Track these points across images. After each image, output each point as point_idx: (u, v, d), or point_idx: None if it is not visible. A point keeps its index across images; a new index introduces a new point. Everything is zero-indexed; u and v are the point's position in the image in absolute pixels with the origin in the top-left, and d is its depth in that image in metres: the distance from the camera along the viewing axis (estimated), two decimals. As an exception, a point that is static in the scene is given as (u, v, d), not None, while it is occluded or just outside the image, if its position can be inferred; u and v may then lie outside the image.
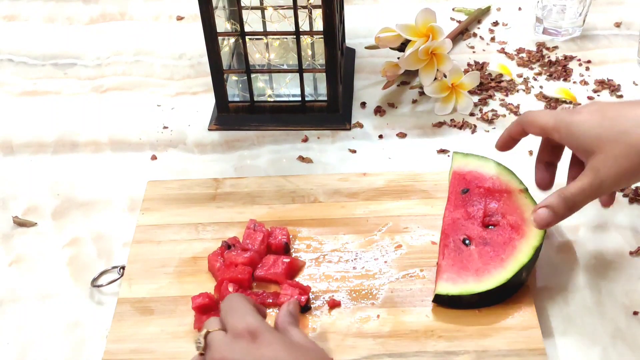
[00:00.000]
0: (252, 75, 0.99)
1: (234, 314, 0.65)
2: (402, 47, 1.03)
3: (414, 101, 1.05)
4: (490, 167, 0.85)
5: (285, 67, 1.02)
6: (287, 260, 0.80)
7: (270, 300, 0.78)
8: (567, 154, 0.80)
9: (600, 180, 0.71)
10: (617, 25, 1.17)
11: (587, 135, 0.72)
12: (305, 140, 1.00)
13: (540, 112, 0.78)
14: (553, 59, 1.11)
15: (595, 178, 0.71)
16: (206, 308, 0.76)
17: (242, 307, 0.66)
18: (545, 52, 1.13)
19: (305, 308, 0.77)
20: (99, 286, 0.83)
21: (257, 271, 0.80)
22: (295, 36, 0.95)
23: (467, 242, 0.79)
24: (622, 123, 0.70)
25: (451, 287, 0.76)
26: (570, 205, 0.73)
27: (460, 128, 1.01)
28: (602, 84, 1.06)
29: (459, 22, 1.19)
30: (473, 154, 0.87)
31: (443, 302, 0.77)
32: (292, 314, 0.70)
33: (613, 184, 0.72)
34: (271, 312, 0.77)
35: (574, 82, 1.07)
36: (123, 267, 0.83)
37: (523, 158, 0.92)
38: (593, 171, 0.71)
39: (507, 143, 0.82)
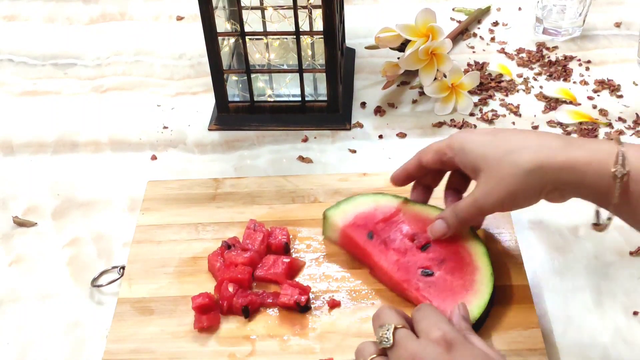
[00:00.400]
0: (252, 75, 0.99)
1: (430, 319, 0.63)
2: (402, 47, 1.03)
3: (414, 101, 1.05)
4: (364, 201, 0.83)
5: (285, 67, 1.02)
6: (287, 260, 0.80)
7: (270, 300, 0.78)
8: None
9: (485, 198, 0.72)
10: (617, 25, 1.17)
11: (476, 153, 0.72)
12: (305, 140, 1.00)
13: (434, 142, 0.78)
14: (553, 59, 1.11)
15: (481, 195, 0.72)
16: (206, 308, 0.76)
17: (437, 314, 0.64)
18: (545, 52, 1.13)
19: (305, 308, 0.77)
20: (99, 286, 0.83)
21: (257, 271, 0.80)
22: (295, 36, 0.95)
23: (428, 272, 0.76)
24: (511, 143, 0.71)
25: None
26: (460, 220, 0.75)
27: (460, 128, 1.01)
28: (602, 84, 1.06)
29: (459, 22, 1.19)
30: (340, 202, 0.83)
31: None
32: (466, 319, 0.68)
33: (498, 201, 0.72)
34: (270, 312, 0.77)
35: (574, 82, 1.07)
36: (123, 267, 0.83)
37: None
38: (480, 188, 0.72)
39: (402, 178, 0.81)
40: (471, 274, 0.76)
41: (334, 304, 0.78)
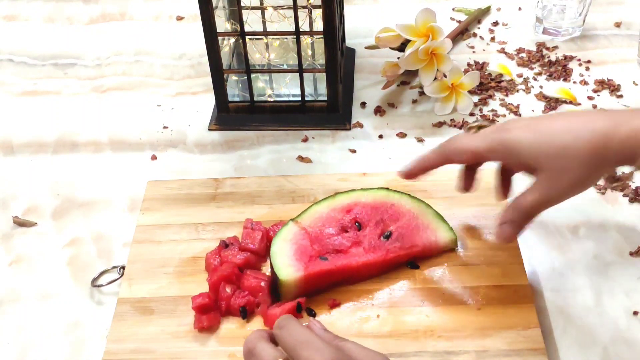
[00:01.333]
0: (252, 75, 0.99)
1: (308, 347, 0.60)
2: (402, 47, 1.03)
3: (414, 101, 1.06)
4: (283, 246, 0.79)
5: (285, 67, 1.02)
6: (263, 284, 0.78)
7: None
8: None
9: (553, 193, 0.73)
10: (617, 25, 1.17)
11: (527, 154, 0.72)
12: (305, 140, 1.00)
13: (464, 138, 0.77)
14: (553, 59, 1.11)
15: (549, 191, 0.72)
16: (206, 308, 0.76)
17: (309, 335, 0.62)
18: (545, 52, 1.13)
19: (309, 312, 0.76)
20: (99, 286, 0.83)
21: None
22: (295, 36, 0.95)
23: (387, 234, 0.81)
24: (560, 137, 0.71)
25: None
26: (528, 215, 0.75)
27: (460, 128, 1.01)
28: (602, 84, 1.06)
29: (459, 22, 1.19)
30: (275, 264, 0.77)
31: None
32: (326, 329, 0.68)
33: (565, 194, 0.73)
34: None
35: (574, 82, 1.07)
36: (123, 267, 0.83)
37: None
38: (544, 185, 0.72)
39: (419, 173, 0.81)
40: (404, 206, 0.83)
41: (334, 304, 0.78)
